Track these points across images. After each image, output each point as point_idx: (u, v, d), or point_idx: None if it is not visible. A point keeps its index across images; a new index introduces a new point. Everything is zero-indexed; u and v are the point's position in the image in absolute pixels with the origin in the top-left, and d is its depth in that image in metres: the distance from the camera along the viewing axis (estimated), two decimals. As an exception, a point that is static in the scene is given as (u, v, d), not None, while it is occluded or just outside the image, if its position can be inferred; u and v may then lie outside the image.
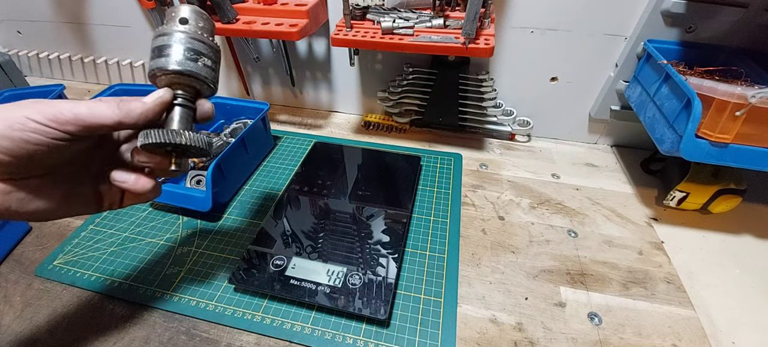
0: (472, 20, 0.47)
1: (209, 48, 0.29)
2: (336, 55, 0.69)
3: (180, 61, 0.27)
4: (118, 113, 0.26)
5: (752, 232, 0.51)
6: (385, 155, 0.61)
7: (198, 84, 0.29)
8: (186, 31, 0.28)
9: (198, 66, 0.28)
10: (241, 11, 0.57)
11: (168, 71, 0.27)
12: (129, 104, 0.27)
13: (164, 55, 0.27)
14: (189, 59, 0.28)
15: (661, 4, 0.49)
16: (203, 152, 0.29)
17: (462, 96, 0.65)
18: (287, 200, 0.52)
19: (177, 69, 0.27)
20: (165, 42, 0.27)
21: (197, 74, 0.28)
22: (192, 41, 0.28)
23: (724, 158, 0.41)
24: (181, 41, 0.28)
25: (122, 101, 0.27)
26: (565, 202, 0.55)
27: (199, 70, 0.28)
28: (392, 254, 0.44)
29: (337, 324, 0.39)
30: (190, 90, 0.29)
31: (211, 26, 0.30)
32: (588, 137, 0.67)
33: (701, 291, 0.44)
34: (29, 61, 0.89)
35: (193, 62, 0.28)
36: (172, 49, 0.27)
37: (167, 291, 0.42)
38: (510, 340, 0.39)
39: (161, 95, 0.28)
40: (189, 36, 0.28)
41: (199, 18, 0.29)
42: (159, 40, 0.28)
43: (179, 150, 0.29)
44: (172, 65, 0.27)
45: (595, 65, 0.59)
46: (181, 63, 0.27)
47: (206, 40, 0.29)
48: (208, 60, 0.29)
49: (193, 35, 0.28)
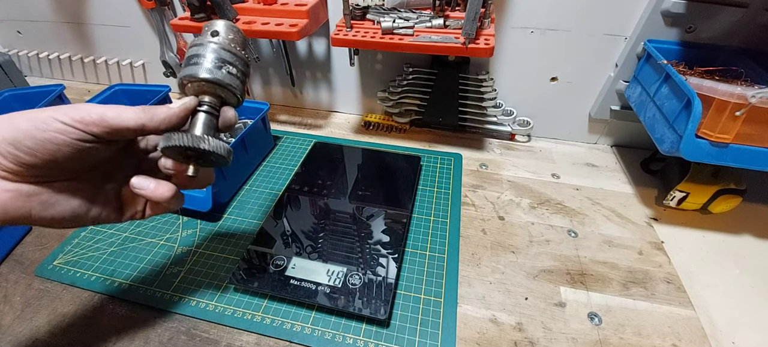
0: (472, 20, 0.47)
1: (238, 58, 0.30)
2: (336, 55, 0.69)
3: (208, 69, 0.28)
4: (143, 116, 0.26)
5: (752, 232, 0.51)
6: (385, 155, 0.61)
7: (224, 92, 0.30)
8: (216, 42, 0.29)
9: (224, 74, 0.29)
10: (241, 11, 0.57)
11: (196, 79, 0.28)
12: (154, 109, 0.27)
13: (194, 64, 0.28)
14: (216, 68, 0.29)
15: (661, 4, 0.49)
16: (223, 160, 0.30)
17: (462, 96, 0.65)
18: (287, 200, 0.52)
19: (204, 77, 0.28)
20: (196, 52, 0.29)
21: (223, 82, 0.29)
22: (221, 51, 0.29)
23: (724, 158, 0.41)
24: (212, 51, 0.29)
25: (148, 106, 0.27)
26: (565, 202, 0.55)
27: (225, 78, 0.29)
28: (392, 254, 0.44)
29: (337, 324, 0.39)
30: (216, 98, 0.30)
31: (242, 39, 0.31)
32: (588, 137, 0.67)
33: (701, 291, 0.44)
34: (29, 61, 0.89)
35: (219, 70, 0.29)
36: (202, 58, 0.28)
37: (167, 291, 0.42)
38: (510, 340, 0.39)
39: (186, 101, 0.29)
40: (219, 46, 0.29)
41: (230, 30, 0.30)
42: (191, 51, 0.29)
43: (199, 156, 0.29)
44: (201, 73, 0.28)
45: (595, 65, 0.59)
46: (209, 71, 0.28)
47: (236, 50, 0.30)
48: (234, 69, 0.30)
49: (223, 46, 0.29)
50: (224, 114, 0.30)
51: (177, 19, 0.58)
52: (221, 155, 0.29)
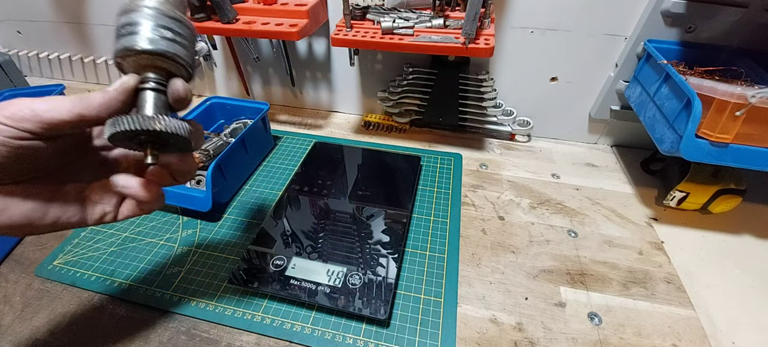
0: (472, 20, 0.47)
1: (181, 24, 0.25)
2: (336, 55, 0.69)
3: (147, 39, 0.24)
4: (79, 105, 0.24)
5: (752, 232, 0.51)
6: (385, 155, 0.61)
7: (171, 66, 0.25)
8: (150, 6, 0.24)
9: (169, 44, 0.25)
10: (241, 11, 0.57)
11: (135, 51, 0.24)
12: (90, 96, 0.24)
13: (128, 34, 0.24)
14: (160, 37, 0.24)
15: (661, 4, 0.49)
16: (183, 141, 0.26)
17: (462, 96, 0.65)
18: (287, 200, 0.52)
19: (143, 48, 0.24)
20: (128, 20, 0.24)
21: (167, 53, 0.24)
22: (162, 17, 0.24)
23: (724, 158, 0.41)
24: (147, 17, 0.24)
25: (82, 96, 0.24)
26: (565, 202, 0.55)
27: (168, 47, 0.24)
28: (392, 254, 0.44)
29: (337, 324, 0.39)
30: (160, 72, 0.26)
31: (182, 2, 0.27)
32: (588, 137, 0.67)
33: (701, 291, 0.44)
34: (29, 61, 0.89)
35: (163, 40, 0.24)
36: (139, 26, 0.24)
37: (167, 291, 0.42)
38: (510, 340, 0.39)
39: (124, 80, 0.25)
40: (158, 11, 0.24)
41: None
42: (123, 19, 0.24)
43: (155, 140, 0.25)
44: (139, 44, 0.24)
45: (595, 65, 0.59)
46: (149, 41, 0.24)
47: (177, 15, 0.25)
48: (177, 36, 0.25)
49: (159, 9, 0.24)
50: (173, 87, 0.26)
51: (177, 19, 0.58)
52: (181, 135, 0.25)
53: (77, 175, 0.28)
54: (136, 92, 0.25)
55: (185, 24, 0.26)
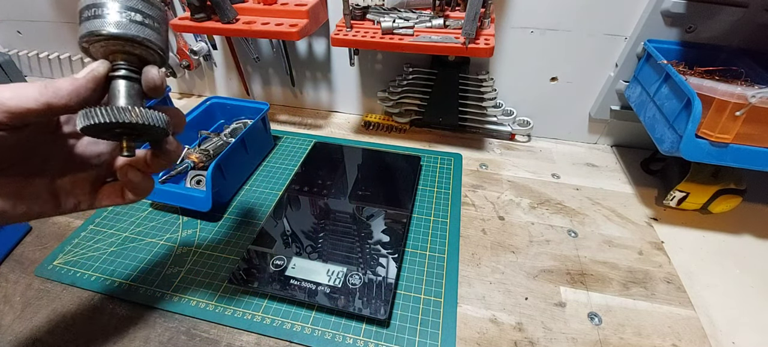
0: (472, 20, 0.47)
1: (150, 5, 0.24)
2: (336, 55, 0.69)
3: (115, 23, 0.22)
4: (46, 92, 0.22)
5: (752, 232, 0.51)
6: (385, 155, 0.61)
7: (143, 51, 0.24)
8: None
9: (139, 27, 0.23)
10: (241, 11, 0.57)
11: (102, 36, 0.22)
12: (57, 83, 0.23)
13: (94, 17, 0.22)
14: (129, 20, 0.22)
15: (661, 4, 0.49)
16: (159, 130, 0.24)
17: (462, 96, 0.65)
18: (287, 200, 0.52)
19: (111, 32, 0.22)
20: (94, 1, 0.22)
21: (136, 37, 0.23)
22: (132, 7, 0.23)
23: (724, 158, 0.41)
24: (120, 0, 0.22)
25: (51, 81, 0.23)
26: (565, 202, 0.55)
27: (139, 31, 0.23)
28: (392, 254, 0.44)
29: (337, 324, 0.39)
30: (133, 60, 0.24)
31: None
32: (588, 137, 0.67)
33: (701, 291, 0.44)
34: (29, 61, 0.89)
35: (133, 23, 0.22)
36: (106, 7, 0.22)
37: (167, 291, 0.42)
38: (510, 340, 0.39)
39: (94, 67, 0.24)
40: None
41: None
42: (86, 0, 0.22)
43: (130, 131, 0.24)
44: (106, 28, 0.22)
45: (595, 65, 0.59)
46: (117, 24, 0.22)
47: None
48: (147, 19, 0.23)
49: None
50: (146, 75, 0.25)
51: (177, 19, 0.58)
52: (157, 125, 0.23)
53: (45, 163, 0.27)
54: (108, 79, 0.24)
55: (155, 5, 0.24)
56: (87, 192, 0.29)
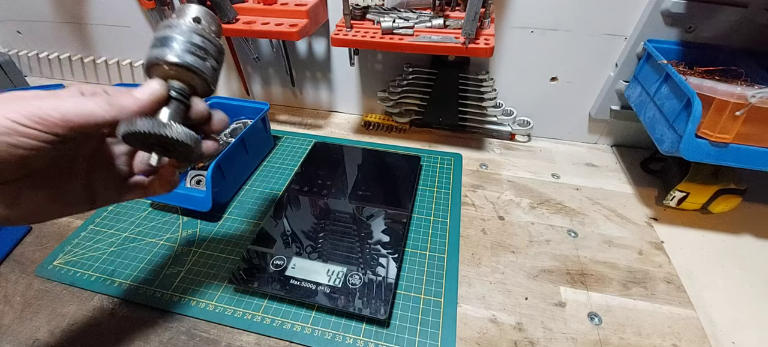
0: (472, 20, 0.47)
1: (213, 46, 0.28)
2: (336, 55, 0.69)
3: (180, 54, 0.26)
4: (111, 110, 0.24)
5: (752, 232, 0.51)
6: (385, 155, 0.61)
7: (194, 80, 0.28)
8: (189, 24, 0.27)
9: (198, 61, 0.27)
10: (241, 11, 0.57)
11: (166, 62, 0.26)
12: (120, 100, 0.25)
13: (165, 46, 0.26)
14: (190, 53, 0.27)
15: (661, 4, 0.49)
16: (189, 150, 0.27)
17: (462, 96, 0.65)
18: (287, 200, 0.52)
19: (175, 61, 0.26)
20: (169, 34, 0.26)
21: (193, 67, 0.27)
22: (196, 36, 0.27)
23: (724, 158, 0.41)
24: (184, 34, 0.27)
25: (112, 96, 0.25)
26: (565, 202, 0.55)
27: (199, 65, 0.27)
28: (392, 254, 0.44)
29: (337, 324, 0.39)
30: (185, 86, 0.28)
31: (219, 27, 0.30)
32: (588, 137, 0.67)
33: (701, 291, 0.44)
34: (29, 61, 0.89)
35: (193, 56, 0.27)
36: (174, 41, 0.26)
37: (167, 291, 0.42)
38: (510, 340, 0.39)
39: (155, 89, 0.26)
40: (194, 30, 0.27)
41: (206, 14, 0.29)
42: (163, 32, 0.27)
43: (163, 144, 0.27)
44: (170, 56, 0.26)
45: (595, 65, 0.59)
46: (181, 56, 0.26)
47: (212, 37, 0.28)
48: (207, 55, 0.28)
49: (198, 30, 0.27)
50: (195, 106, 0.28)
51: (177, 19, 0.58)
52: (187, 144, 0.26)
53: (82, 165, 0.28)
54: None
55: (214, 44, 0.29)
56: (114, 188, 0.30)
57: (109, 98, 0.25)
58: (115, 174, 0.30)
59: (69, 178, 0.28)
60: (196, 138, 0.27)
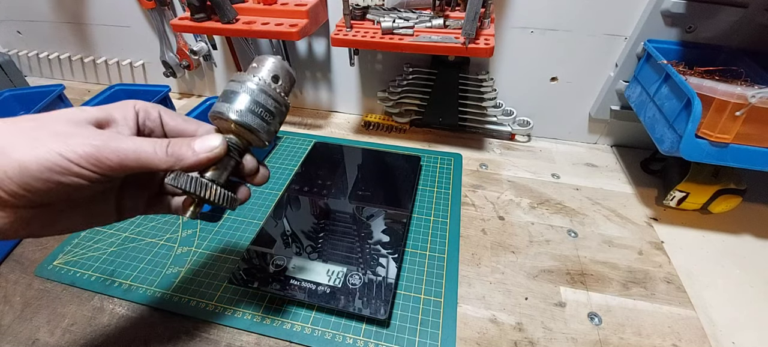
0: (472, 20, 0.47)
1: (279, 107, 0.28)
2: (336, 55, 0.69)
3: (243, 114, 0.26)
4: (168, 160, 0.25)
5: (752, 232, 0.51)
6: (385, 155, 0.61)
7: (254, 138, 0.28)
8: (257, 83, 0.27)
9: (259, 122, 0.27)
10: (241, 11, 0.57)
11: (228, 119, 0.26)
12: (179, 151, 0.25)
13: (231, 102, 0.27)
14: (253, 113, 0.27)
15: (661, 4, 0.49)
16: (224, 208, 0.29)
17: (462, 96, 0.65)
18: (287, 200, 0.52)
19: (236, 120, 0.26)
20: (237, 90, 0.27)
21: (256, 130, 0.27)
22: (263, 96, 0.27)
23: (724, 158, 0.41)
24: (252, 93, 0.27)
25: (172, 144, 0.25)
26: (565, 202, 0.55)
27: (259, 126, 0.27)
28: (392, 254, 0.44)
29: (337, 324, 0.39)
30: (241, 139, 0.28)
31: (291, 82, 0.30)
32: (588, 137, 0.67)
33: (701, 291, 0.44)
34: (29, 61, 0.89)
35: (255, 116, 0.27)
36: (240, 98, 0.27)
37: (167, 291, 0.42)
38: (510, 340, 0.39)
39: (214, 148, 0.26)
40: (263, 89, 0.27)
41: (277, 71, 0.28)
42: (233, 85, 0.27)
43: (201, 200, 0.28)
44: (233, 115, 0.26)
45: (595, 65, 0.59)
46: (243, 116, 0.26)
47: (280, 98, 0.28)
48: (272, 119, 0.28)
49: (267, 89, 0.27)
50: (247, 164, 0.29)
51: (177, 19, 0.58)
52: (224, 206, 0.28)
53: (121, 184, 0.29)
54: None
55: (281, 104, 0.29)
56: (143, 205, 0.30)
57: (170, 146, 0.25)
58: (146, 193, 0.30)
59: (106, 199, 0.28)
60: (233, 199, 0.28)
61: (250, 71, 0.28)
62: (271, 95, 0.28)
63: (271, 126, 0.28)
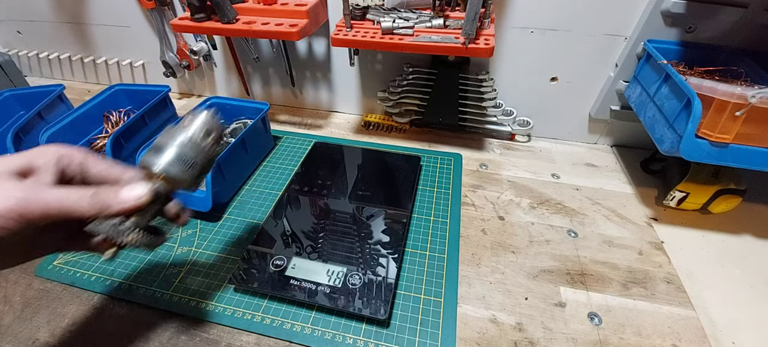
0: (472, 20, 0.47)
1: (205, 158, 0.31)
2: (336, 55, 0.69)
3: (168, 165, 0.29)
4: (93, 208, 0.25)
5: (752, 232, 0.51)
6: (385, 155, 0.61)
7: (178, 185, 0.30)
8: (186, 137, 0.30)
9: (185, 172, 0.30)
10: (241, 11, 0.57)
11: (153, 170, 0.29)
12: (105, 199, 0.26)
13: (158, 155, 0.29)
14: (179, 163, 0.29)
15: (661, 4, 0.49)
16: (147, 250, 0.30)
17: (462, 96, 0.65)
18: (287, 200, 0.52)
19: (161, 172, 0.29)
20: (166, 142, 0.30)
21: (181, 179, 0.30)
22: (190, 149, 0.30)
23: (724, 158, 0.41)
24: (180, 146, 0.29)
25: (98, 193, 0.26)
26: (565, 202, 0.55)
27: (184, 175, 0.30)
28: (392, 254, 0.44)
29: (337, 324, 0.39)
30: (168, 187, 0.30)
31: (218, 134, 0.32)
32: (588, 137, 0.67)
33: (701, 291, 0.44)
34: (29, 61, 0.89)
35: (180, 167, 0.29)
36: (167, 151, 0.29)
37: (167, 291, 0.42)
38: (510, 340, 0.39)
39: (140, 197, 0.27)
40: (192, 143, 0.30)
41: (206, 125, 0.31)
42: (163, 138, 0.30)
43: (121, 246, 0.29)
44: (157, 168, 0.29)
45: (595, 65, 0.59)
46: (167, 168, 0.29)
47: (207, 149, 0.31)
48: (198, 169, 0.31)
49: (195, 143, 0.30)
50: (169, 209, 0.31)
51: (177, 19, 0.58)
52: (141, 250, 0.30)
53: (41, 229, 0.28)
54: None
55: (207, 155, 0.31)
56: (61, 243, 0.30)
57: (96, 195, 0.25)
58: (63, 233, 0.30)
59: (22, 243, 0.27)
60: (153, 243, 0.30)
61: (182, 126, 0.30)
62: (199, 148, 0.30)
63: (197, 176, 0.31)
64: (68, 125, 0.59)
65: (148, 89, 0.67)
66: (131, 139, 0.58)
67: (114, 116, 0.64)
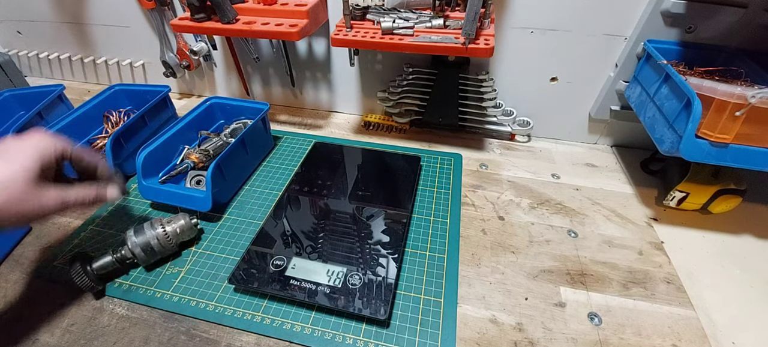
0: (471, 20, 0.47)
1: (163, 249, 0.44)
2: (336, 55, 0.69)
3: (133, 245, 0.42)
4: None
5: (752, 232, 0.51)
6: (385, 155, 0.61)
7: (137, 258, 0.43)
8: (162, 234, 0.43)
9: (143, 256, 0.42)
10: (241, 11, 0.57)
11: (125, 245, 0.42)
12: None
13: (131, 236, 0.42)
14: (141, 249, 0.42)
15: (661, 4, 0.49)
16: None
17: (462, 96, 0.65)
18: (287, 200, 0.52)
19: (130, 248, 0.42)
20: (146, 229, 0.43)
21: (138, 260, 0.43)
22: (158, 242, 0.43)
23: (724, 158, 0.41)
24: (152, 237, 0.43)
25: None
26: (565, 202, 0.55)
27: (141, 258, 0.42)
28: (392, 255, 0.44)
29: (337, 324, 0.39)
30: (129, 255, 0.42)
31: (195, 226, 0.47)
32: (588, 137, 0.67)
33: (701, 291, 0.44)
34: (29, 61, 0.89)
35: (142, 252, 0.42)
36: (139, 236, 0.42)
37: (167, 291, 0.42)
38: (510, 340, 0.39)
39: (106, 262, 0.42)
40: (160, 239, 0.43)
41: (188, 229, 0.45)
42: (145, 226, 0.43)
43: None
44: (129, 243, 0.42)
45: (595, 65, 0.59)
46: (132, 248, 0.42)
47: (168, 245, 0.44)
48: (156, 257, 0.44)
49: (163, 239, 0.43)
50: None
51: (177, 19, 0.58)
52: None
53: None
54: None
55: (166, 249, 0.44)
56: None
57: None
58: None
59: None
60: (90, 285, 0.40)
61: (164, 222, 0.44)
62: (164, 243, 0.43)
63: (150, 259, 0.43)
64: (68, 125, 0.59)
65: (148, 89, 0.67)
66: (131, 139, 0.58)
67: (114, 116, 0.64)
